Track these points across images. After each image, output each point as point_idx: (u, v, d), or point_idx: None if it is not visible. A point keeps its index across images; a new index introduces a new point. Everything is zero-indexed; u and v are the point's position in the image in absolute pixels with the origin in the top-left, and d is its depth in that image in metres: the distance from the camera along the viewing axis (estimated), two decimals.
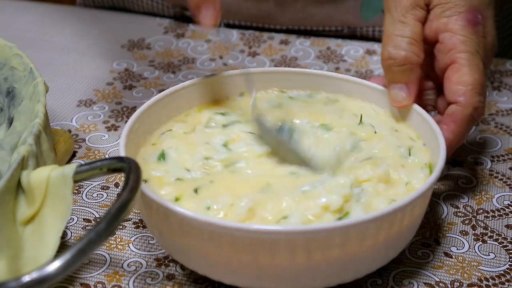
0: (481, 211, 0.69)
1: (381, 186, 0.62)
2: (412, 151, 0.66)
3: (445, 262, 0.64)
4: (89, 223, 0.68)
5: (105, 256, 0.64)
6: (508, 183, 0.72)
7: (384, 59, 0.68)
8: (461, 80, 0.65)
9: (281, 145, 0.66)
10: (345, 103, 0.72)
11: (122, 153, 0.61)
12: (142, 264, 0.63)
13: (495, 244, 0.65)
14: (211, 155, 0.65)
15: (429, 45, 0.69)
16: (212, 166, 0.64)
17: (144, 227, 0.67)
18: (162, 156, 0.65)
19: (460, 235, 0.66)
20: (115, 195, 0.70)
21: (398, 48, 0.67)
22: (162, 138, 0.67)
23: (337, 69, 0.89)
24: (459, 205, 0.69)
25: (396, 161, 0.64)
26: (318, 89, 0.73)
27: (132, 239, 0.66)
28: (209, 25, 0.67)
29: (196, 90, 0.71)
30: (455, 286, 0.61)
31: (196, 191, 0.61)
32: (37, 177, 0.56)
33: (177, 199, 0.60)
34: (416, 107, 0.68)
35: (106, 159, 0.57)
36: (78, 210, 0.69)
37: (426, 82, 0.71)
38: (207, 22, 0.66)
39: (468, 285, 0.62)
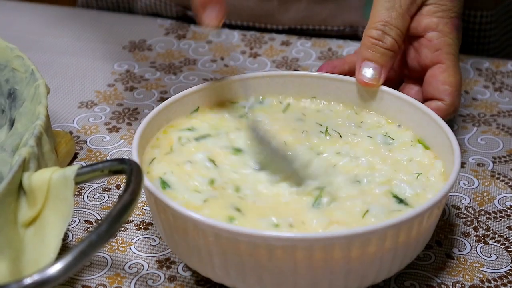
0: (483, 212, 0.69)
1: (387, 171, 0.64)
2: (392, 136, 0.68)
3: (447, 263, 0.64)
4: (91, 225, 0.67)
5: (106, 258, 0.64)
6: (510, 184, 0.72)
7: (372, 37, 0.70)
8: (447, 80, 0.70)
9: (273, 156, 0.64)
10: (295, 105, 0.72)
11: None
12: (143, 266, 0.63)
13: (497, 246, 0.65)
14: (212, 175, 0.63)
15: (410, 36, 0.73)
16: (222, 188, 0.62)
17: (145, 229, 0.67)
18: (164, 184, 0.62)
19: (462, 236, 0.66)
20: (117, 197, 0.70)
21: (388, 34, 0.70)
22: (152, 166, 0.64)
23: None
24: (460, 207, 0.69)
25: (379, 151, 0.66)
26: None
27: (134, 241, 0.66)
28: (212, 26, 0.66)
29: (162, 114, 0.68)
30: None
31: (239, 210, 0.59)
32: (39, 179, 0.56)
33: (230, 218, 0.58)
34: (384, 88, 0.70)
35: (107, 161, 0.57)
36: (80, 212, 0.69)
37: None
38: (210, 22, 0.65)
39: (470, 286, 0.61)
